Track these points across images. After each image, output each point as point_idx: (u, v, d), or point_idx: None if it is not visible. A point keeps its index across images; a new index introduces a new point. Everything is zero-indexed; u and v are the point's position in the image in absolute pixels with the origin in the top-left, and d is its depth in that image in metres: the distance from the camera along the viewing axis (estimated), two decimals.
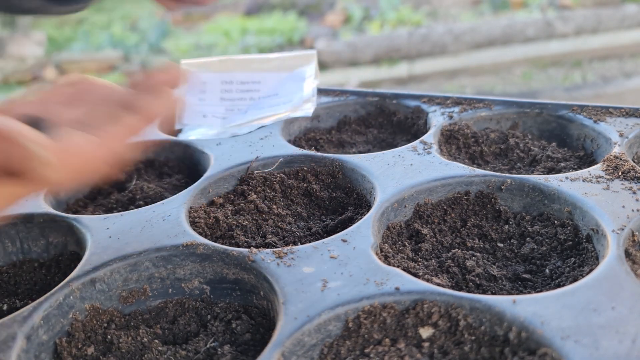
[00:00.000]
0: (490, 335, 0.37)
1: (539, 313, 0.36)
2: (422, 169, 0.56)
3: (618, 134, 0.60)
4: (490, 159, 0.64)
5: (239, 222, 0.54)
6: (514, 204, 0.54)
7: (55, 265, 0.53)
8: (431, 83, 3.85)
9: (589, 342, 0.34)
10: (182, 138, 0.70)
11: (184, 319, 0.45)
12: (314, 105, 0.73)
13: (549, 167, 0.60)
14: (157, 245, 0.47)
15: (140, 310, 0.46)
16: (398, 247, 0.49)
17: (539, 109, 0.69)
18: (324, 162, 0.60)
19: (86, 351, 0.42)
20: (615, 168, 0.53)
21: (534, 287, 0.45)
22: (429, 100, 0.74)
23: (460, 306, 0.38)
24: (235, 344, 0.41)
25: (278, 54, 0.79)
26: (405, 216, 0.53)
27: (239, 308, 0.45)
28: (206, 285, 0.47)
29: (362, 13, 5.12)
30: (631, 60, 4.06)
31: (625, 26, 4.37)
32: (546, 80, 3.80)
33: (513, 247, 0.50)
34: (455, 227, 0.53)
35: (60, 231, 0.54)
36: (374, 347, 0.38)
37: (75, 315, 0.43)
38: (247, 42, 4.71)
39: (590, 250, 0.46)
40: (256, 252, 0.45)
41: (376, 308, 0.39)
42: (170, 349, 0.41)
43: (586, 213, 0.48)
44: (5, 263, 0.54)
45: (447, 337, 0.38)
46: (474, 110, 0.70)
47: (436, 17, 5.12)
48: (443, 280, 0.44)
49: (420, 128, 0.71)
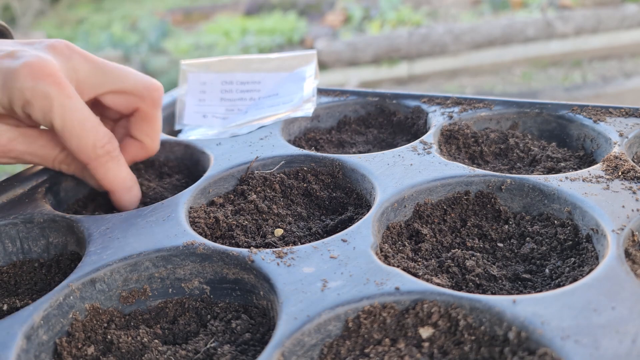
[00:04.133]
0: (490, 335, 0.37)
1: (539, 313, 0.36)
2: (422, 169, 0.56)
3: (618, 134, 0.60)
4: (490, 159, 0.64)
5: (239, 222, 0.54)
6: (513, 204, 0.54)
7: (55, 265, 0.53)
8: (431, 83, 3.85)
9: (589, 342, 0.34)
10: (182, 138, 0.70)
11: (184, 319, 0.45)
12: (314, 105, 0.73)
13: (548, 167, 0.60)
14: (157, 245, 0.47)
15: (140, 310, 0.46)
16: (398, 247, 0.49)
17: (538, 109, 0.69)
18: (324, 162, 0.60)
19: (86, 351, 0.42)
20: (615, 168, 0.53)
21: (534, 287, 0.45)
22: (429, 100, 0.74)
23: (460, 306, 0.38)
24: (235, 343, 0.41)
25: (278, 54, 0.79)
26: (405, 216, 0.53)
27: (239, 308, 0.45)
28: (206, 285, 0.47)
29: (362, 13, 5.12)
30: (631, 60, 4.07)
31: (625, 26, 4.37)
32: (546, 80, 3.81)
33: (513, 247, 0.50)
34: (455, 227, 0.53)
35: (60, 231, 0.54)
36: (374, 347, 0.38)
37: (75, 315, 0.43)
38: (247, 42, 4.72)
39: (590, 250, 0.46)
40: (256, 252, 0.45)
41: (376, 308, 0.39)
42: (170, 348, 0.41)
43: (586, 213, 0.48)
44: (5, 263, 0.54)
45: (447, 337, 0.38)
46: (474, 110, 0.70)
47: (436, 17, 5.12)
48: (443, 280, 0.45)
49: (420, 128, 0.71)
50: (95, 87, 0.55)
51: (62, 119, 0.50)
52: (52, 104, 0.50)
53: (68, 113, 0.50)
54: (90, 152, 0.53)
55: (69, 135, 0.51)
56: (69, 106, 0.50)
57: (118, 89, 0.56)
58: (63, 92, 0.50)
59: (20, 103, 0.50)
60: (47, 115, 0.50)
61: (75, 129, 0.51)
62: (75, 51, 0.54)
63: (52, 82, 0.49)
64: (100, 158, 0.54)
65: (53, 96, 0.49)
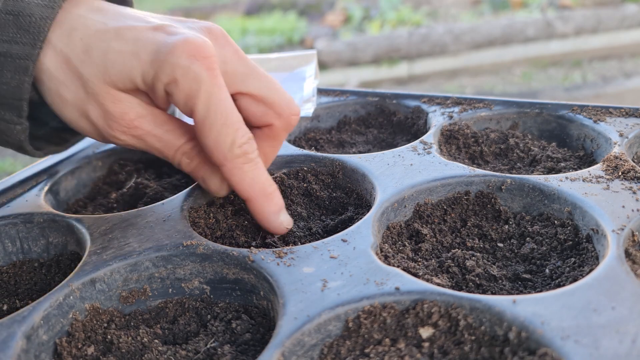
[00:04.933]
0: (490, 335, 0.37)
1: (539, 313, 0.36)
2: (422, 169, 0.56)
3: (618, 134, 0.60)
4: (490, 159, 0.64)
5: (239, 222, 0.54)
6: (514, 204, 0.54)
7: (55, 265, 0.53)
8: (431, 83, 3.85)
9: (589, 342, 0.34)
10: None
11: (184, 319, 0.45)
12: (314, 105, 0.73)
13: (549, 167, 0.60)
14: (157, 245, 0.47)
15: (140, 310, 0.46)
16: (398, 247, 0.49)
17: (538, 109, 0.69)
18: (324, 162, 0.60)
19: (86, 351, 0.42)
20: (615, 168, 0.53)
21: (534, 287, 0.45)
22: (429, 100, 0.74)
23: (460, 306, 0.38)
24: (235, 344, 0.41)
25: (278, 54, 0.79)
26: (405, 216, 0.53)
27: (239, 308, 0.45)
28: (206, 285, 0.47)
29: (362, 13, 5.12)
30: (631, 60, 4.07)
31: (625, 26, 4.37)
32: (546, 80, 3.81)
33: (513, 247, 0.50)
34: (455, 227, 0.53)
35: (60, 231, 0.54)
36: (374, 347, 0.38)
37: (75, 315, 0.43)
38: (247, 42, 4.71)
39: (590, 250, 0.46)
40: (256, 252, 0.45)
41: (376, 308, 0.39)
42: (170, 348, 0.41)
43: (586, 213, 0.48)
44: (5, 263, 0.54)
45: (447, 337, 0.38)
46: (474, 110, 0.70)
47: (436, 17, 5.12)
48: (443, 280, 0.45)
49: (420, 128, 0.71)
50: (237, 85, 0.50)
51: (206, 107, 0.46)
52: (200, 88, 0.46)
53: (214, 102, 0.46)
54: (227, 150, 0.48)
55: (209, 126, 0.47)
56: (216, 95, 0.46)
57: (260, 96, 0.51)
58: (213, 80, 0.46)
59: (167, 80, 0.46)
60: (190, 99, 0.46)
61: (217, 121, 0.47)
62: (229, 42, 0.50)
63: (207, 66, 0.46)
64: (237, 159, 0.48)
65: (203, 81, 0.46)
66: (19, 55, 0.46)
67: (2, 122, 0.48)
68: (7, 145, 0.52)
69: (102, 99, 0.48)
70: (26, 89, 0.46)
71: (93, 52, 0.47)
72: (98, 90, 0.47)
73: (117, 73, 0.47)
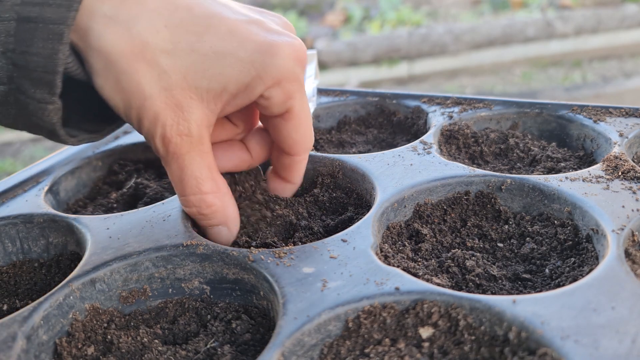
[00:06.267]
0: (490, 335, 0.37)
1: (539, 313, 0.36)
2: (422, 169, 0.56)
3: (618, 134, 0.60)
4: (490, 159, 0.64)
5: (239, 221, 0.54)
6: (513, 204, 0.54)
7: (55, 265, 0.53)
8: (431, 83, 3.85)
9: (589, 342, 0.34)
10: None
11: (184, 319, 0.45)
12: (314, 105, 0.73)
13: (548, 167, 0.60)
14: (157, 245, 0.47)
15: (140, 310, 0.46)
16: (398, 247, 0.49)
17: (538, 109, 0.69)
18: (324, 162, 0.60)
19: (86, 351, 0.42)
20: (615, 168, 0.54)
21: (534, 287, 0.45)
22: (429, 100, 0.74)
23: (460, 306, 0.38)
24: (235, 344, 0.41)
25: None
26: (405, 216, 0.53)
27: (239, 308, 0.45)
28: (206, 285, 0.47)
29: (362, 13, 5.12)
30: (631, 60, 4.06)
31: (625, 26, 4.37)
32: (546, 80, 3.80)
33: (513, 247, 0.50)
34: (455, 227, 0.53)
35: (60, 231, 0.54)
36: (374, 347, 0.38)
37: (75, 315, 0.43)
38: None
39: (590, 250, 0.46)
40: (256, 252, 0.45)
41: (376, 308, 0.39)
42: (170, 349, 0.41)
43: (586, 213, 0.48)
44: (5, 263, 0.54)
45: (447, 337, 0.38)
46: (474, 110, 0.70)
47: (436, 17, 5.12)
48: (443, 280, 0.45)
49: (420, 128, 0.71)
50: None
51: (301, 104, 0.47)
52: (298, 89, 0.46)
53: (305, 100, 0.47)
54: (309, 142, 0.50)
55: (303, 120, 0.48)
56: (304, 96, 0.47)
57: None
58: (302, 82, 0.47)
59: (271, 82, 0.44)
60: (289, 99, 0.46)
61: (308, 116, 0.49)
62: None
63: (302, 69, 0.46)
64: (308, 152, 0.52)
65: (301, 81, 0.46)
66: (52, 19, 0.39)
67: (33, 101, 0.41)
68: (37, 131, 0.45)
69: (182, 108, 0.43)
70: (60, 60, 0.39)
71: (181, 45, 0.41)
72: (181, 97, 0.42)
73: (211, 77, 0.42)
